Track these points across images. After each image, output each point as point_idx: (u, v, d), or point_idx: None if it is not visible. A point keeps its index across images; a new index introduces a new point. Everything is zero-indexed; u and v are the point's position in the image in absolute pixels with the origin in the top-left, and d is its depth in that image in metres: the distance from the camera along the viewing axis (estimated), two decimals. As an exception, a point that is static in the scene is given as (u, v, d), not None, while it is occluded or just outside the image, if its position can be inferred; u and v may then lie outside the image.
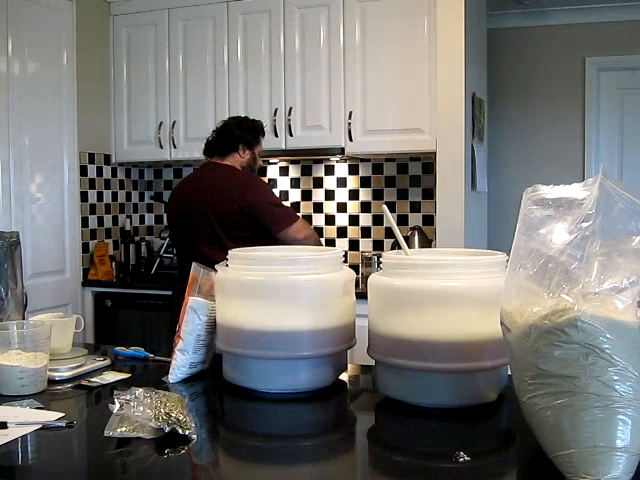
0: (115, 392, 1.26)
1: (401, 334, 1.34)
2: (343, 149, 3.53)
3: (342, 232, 3.95)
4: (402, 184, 3.84)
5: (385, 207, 1.66)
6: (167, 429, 1.16)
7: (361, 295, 1.50)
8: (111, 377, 1.58)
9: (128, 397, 1.23)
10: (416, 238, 3.53)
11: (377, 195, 3.87)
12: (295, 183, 4.04)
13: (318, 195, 3.99)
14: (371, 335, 1.43)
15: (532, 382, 1.03)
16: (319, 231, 3.99)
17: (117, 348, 1.83)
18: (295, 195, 4.03)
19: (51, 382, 1.53)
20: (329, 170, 3.97)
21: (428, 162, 3.73)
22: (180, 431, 1.16)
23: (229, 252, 1.55)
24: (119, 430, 1.16)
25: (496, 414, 1.37)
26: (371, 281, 1.44)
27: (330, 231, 3.97)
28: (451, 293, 1.32)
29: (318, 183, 3.99)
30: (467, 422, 1.29)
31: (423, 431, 1.28)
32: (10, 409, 1.34)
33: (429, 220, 3.73)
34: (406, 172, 3.82)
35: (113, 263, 3.95)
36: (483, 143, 3.75)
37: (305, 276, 1.45)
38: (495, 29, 4.10)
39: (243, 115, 3.19)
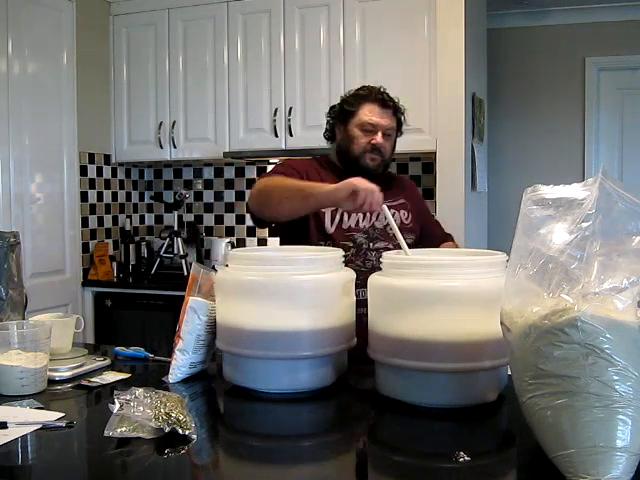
0: (115, 392, 1.26)
1: (401, 334, 1.34)
2: (343, 149, 3.52)
3: (342, 232, 3.94)
4: (402, 184, 3.83)
5: (385, 207, 1.66)
6: (167, 429, 1.16)
7: (361, 295, 1.50)
8: (111, 377, 1.58)
9: (128, 397, 1.23)
10: (416, 238, 3.53)
11: (377, 195, 3.86)
12: (295, 183, 4.03)
13: (318, 195, 3.98)
14: (371, 335, 1.43)
15: (532, 382, 1.03)
16: (319, 231, 3.98)
17: (117, 348, 1.83)
18: (295, 195, 4.03)
19: (51, 382, 1.53)
20: (329, 170, 3.96)
21: (428, 162, 3.73)
22: (180, 431, 1.16)
23: (230, 252, 1.55)
24: (119, 430, 1.16)
25: (496, 414, 1.37)
26: (371, 281, 1.44)
27: (330, 231, 3.96)
28: (451, 293, 1.32)
29: (318, 183, 3.99)
30: (467, 422, 1.29)
31: (423, 431, 1.28)
32: (10, 409, 1.34)
33: (429, 220, 3.73)
34: (406, 172, 3.82)
35: (113, 263, 3.95)
36: (483, 143, 3.75)
37: (305, 276, 1.45)
38: (495, 29, 4.10)
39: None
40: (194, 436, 1.17)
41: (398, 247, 1.72)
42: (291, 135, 3.61)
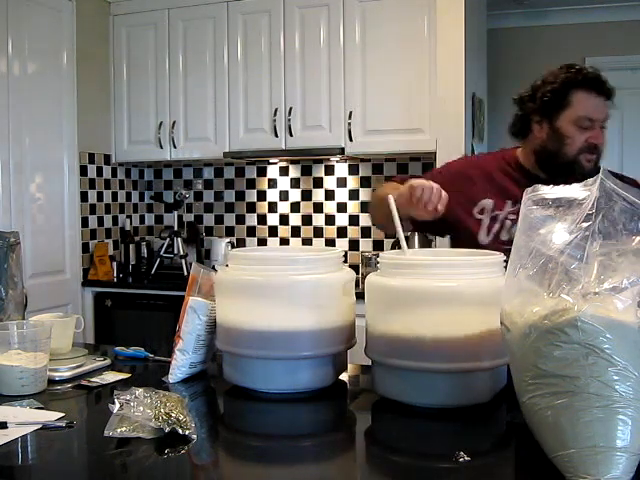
0: (115, 392, 1.26)
1: (398, 334, 1.33)
2: (343, 149, 3.53)
3: (342, 232, 3.95)
4: (402, 184, 3.83)
5: (391, 198, 1.53)
6: (167, 429, 1.15)
7: (361, 295, 1.50)
8: (111, 377, 1.58)
9: (128, 397, 1.23)
10: (416, 238, 3.52)
11: (377, 195, 3.87)
12: (295, 183, 4.04)
13: (318, 195, 3.99)
14: (368, 335, 1.43)
15: (532, 382, 1.03)
16: (319, 231, 3.99)
17: (117, 348, 1.83)
18: (295, 195, 4.03)
19: (51, 382, 1.53)
20: (329, 170, 3.96)
21: (428, 162, 3.72)
22: (180, 431, 1.16)
23: (230, 252, 1.55)
24: (119, 430, 1.16)
25: (495, 414, 1.37)
26: (368, 281, 1.44)
27: (330, 231, 3.97)
28: (448, 293, 1.32)
29: (318, 183, 3.99)
30: (467, 422, 1.29)
31: (423, 431, 1.28)
32: (10, 409, 1.34)
33: (429, 220, 3.72)
34: (406, 172, 3.82)
35: (113, 263, 3.95)
36: (483, 143, 3.75)
37: (305, 276, 1.45)
38: (495, 29, 4.10)
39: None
40: (194, 436, 1.17)
41: None
42: (291, 135, 3.61)
